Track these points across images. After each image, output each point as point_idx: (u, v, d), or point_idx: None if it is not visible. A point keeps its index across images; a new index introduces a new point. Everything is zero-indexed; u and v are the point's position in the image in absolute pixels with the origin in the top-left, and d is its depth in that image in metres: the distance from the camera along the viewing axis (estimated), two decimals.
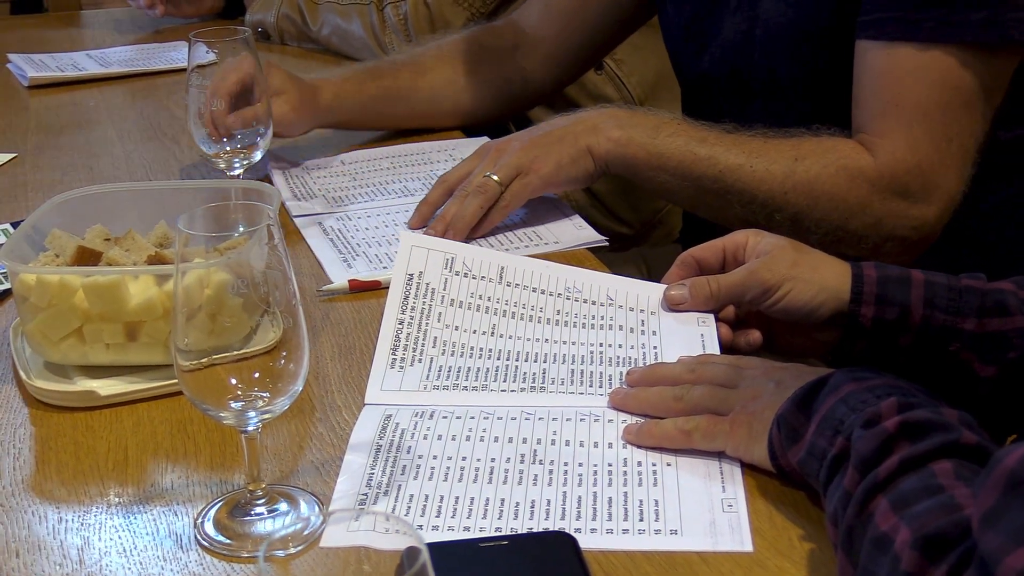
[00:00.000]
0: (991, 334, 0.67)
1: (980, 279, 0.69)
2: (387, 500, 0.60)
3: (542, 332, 0.75)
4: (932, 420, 0.52)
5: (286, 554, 0.52)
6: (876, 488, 0.49)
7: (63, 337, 0.71)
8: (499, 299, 0.78)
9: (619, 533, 0.58)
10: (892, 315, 0.68)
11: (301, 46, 1.53)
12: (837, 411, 0.56)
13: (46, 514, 0.61)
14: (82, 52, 1.52)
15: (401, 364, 0.72)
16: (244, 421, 0.57)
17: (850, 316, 0.69)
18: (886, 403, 0.54)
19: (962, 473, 0.49)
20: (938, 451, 0.50)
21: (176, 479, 0.64)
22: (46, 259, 0.75)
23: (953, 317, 0.67)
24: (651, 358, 0.73)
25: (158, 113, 1.30)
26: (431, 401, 0.69)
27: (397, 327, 0.75)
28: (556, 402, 0.68)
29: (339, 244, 0.93)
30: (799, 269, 0.71)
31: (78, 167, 1.14)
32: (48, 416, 0.70)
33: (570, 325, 0.76)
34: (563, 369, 0.72)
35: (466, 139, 1.15)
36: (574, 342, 0.74)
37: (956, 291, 0.68)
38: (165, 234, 0.80)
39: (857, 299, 0.69)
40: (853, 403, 0.56)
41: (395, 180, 1.06)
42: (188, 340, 0.55)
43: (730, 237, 0.76)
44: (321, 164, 1.10)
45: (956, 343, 0.67)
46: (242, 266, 0.56)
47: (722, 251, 0.76)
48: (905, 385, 0.57)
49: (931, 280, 0.68)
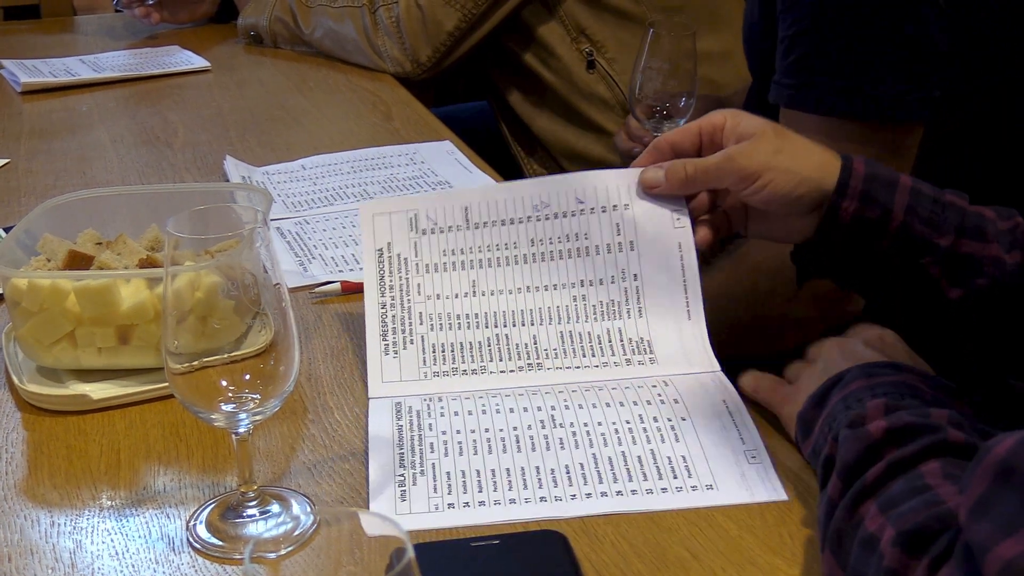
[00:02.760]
0: (964, 256, 0.65)
1: (964, 198, 0.67)
2: (425, 480, 0.61)
3: (521, 277, 0.73)
4: (917, 423, 0.52)
5: (277, 555, 0.52)
6: (864, 493, 0.50)
7: (55, 341, 0.71)
8: (471, 248, 0.75)
9: (658, 492, 0.59)
10: (873, 214, 0.66)
11: (294, 49, 1.53)
12: (837, 409, 0.56)
13: (38, 518, 0.61)
14: (75, 57, 1.52)
15: (395, 349, 0.72)
16: (235, 423, 0.57)
17: (831, 208, 0.67)
18: (872, 404, 0.53)
19: (949, 471, 0.49)
20: (925, 452, 0.50)
21: (168, 482, 0.64)
22: (37, 263, 0.75)
23: (931, 230, 0.65)
24: (632, 290, 0.72)
25: (151, 118, 1.30)
26: (434, 390, 0.69)
27: (381, 312, 0.74)
28: (555, 379, 0.69)
29: (295, 247, 0.93)
30: (781, 157, 0.68)
31: (71, 172, 1.14)
32: (40, 420, 0.70)
33: (547, 259, 0.74)
34: (552, 333, 0.71)
35: (427, 143, 1.16)
36: (555, 285, 0.73)
37: (940, 204, 0.66)
38: (157, 238, 0.80)
39: (842, 191, 0.66)
40: (850, 401, 0.56)
41: (355, 184, 1.06)
42: (178, 343, 0.55)
43: (706, 118, 0.72)
44: (281, 169, 1.10)
45: (928, 256, 0.65)
46: (233, 268, 0.56)
47: (698, 134, 0.72)
48: (912, 381, 0.56)
49: (917, 188, 0.66)
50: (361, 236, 0.79)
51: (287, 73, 1.45)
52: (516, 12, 1.34)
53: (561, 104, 1.37)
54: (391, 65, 1.40)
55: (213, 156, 1.15)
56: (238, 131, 1.24)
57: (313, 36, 1.49)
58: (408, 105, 1.31)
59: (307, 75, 1.44)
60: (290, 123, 1.27)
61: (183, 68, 1.47)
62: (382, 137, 1.20)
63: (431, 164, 1.11)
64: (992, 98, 0.85)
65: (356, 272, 0.88)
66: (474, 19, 1.34)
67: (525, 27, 1.36)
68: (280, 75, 1.45)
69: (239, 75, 1.45)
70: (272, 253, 0.56)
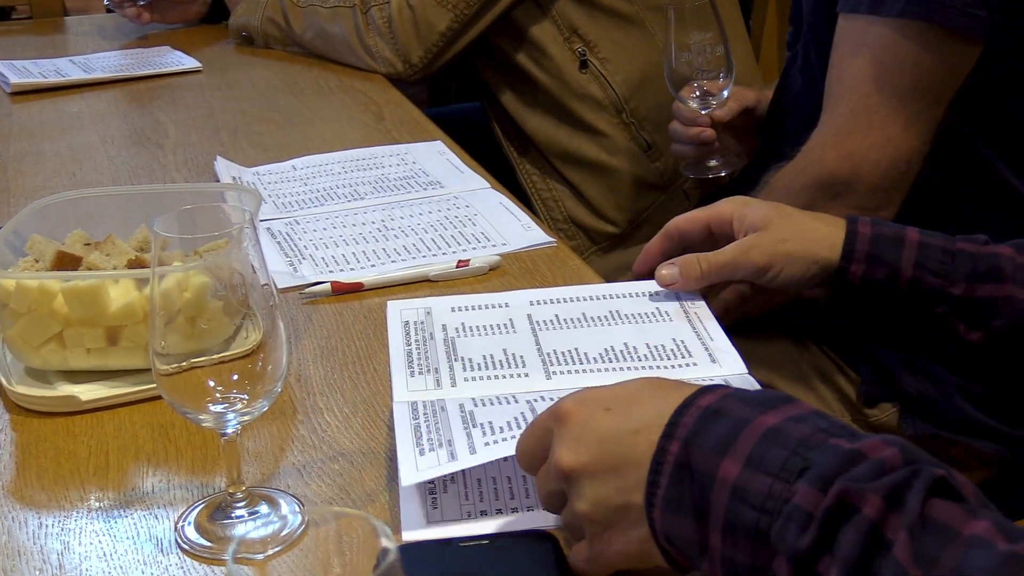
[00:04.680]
0: (979, 300, 0.66)
1: (977, 242, 0.69)
2: (456, 487, 0.59)
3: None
4: (883, 467, 0.41)
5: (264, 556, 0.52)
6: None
7: (43, 342, 0.70)
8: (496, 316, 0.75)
9: None
10: (881, 274, 0.68)
11: (286, 50, 1.53)
12: (742, 516, 0.43)
13: (26, 520, 0.61)
14: (65, 58, 1.52)
15: (420, 372, 0.70)
16: (223, 424, 0.56)
17: (839, 272, 0.69)
18: (804, 489, 0.42)
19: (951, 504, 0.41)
20: (926, 495, 0.41)
21: (157, 483, 0.63)
22: (25, 264, 0.75)
23: (942, 280, 0.67)
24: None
25: (142, 118, 1.30)
26: (471, 394, 0.67)
27: (407, 354, 0.71)
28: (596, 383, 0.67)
29: (286, 247, 0.92)
30: (789, 246, 0.71)
31: (61, 173, 1.13)
32: (29, 422, 0.70)
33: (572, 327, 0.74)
34: (591, 343, 0.71)
35: (418, 143, 1.15)
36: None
37: (950, 254, 0.67)
38: (146, 238, 0.80)
39: (848, 256, 0.69)
40: (757, 502, 0.43)
41: (345, 185, 1.06)
42: (166, 344, 0.55)
43: (714, 210, 0.75)
44: (272, 170, 1.10)
45: (943, 306, 0.67)
46: (221, 269, 0.56)
47: (707, 227, 0.75)
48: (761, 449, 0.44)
49: (925, 241, 0.68)
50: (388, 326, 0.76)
51: (279, 74, 1.45)
52: (508, 12, 1.34)
53: (554, 104, 1.37)
54: (382, 66, 1.40)
55: (204, 157, 1.15)
56: (229, 132, 1.24)
57: (304, 37, 1.48)
58: (400, 106, 1.31)
59: (299, 76, 1.44)
60: (281, 124, 1.27)
61: (174, 69, 1.46)
62: (374, 138, 1.20)
63: (422, 164, 1.10)
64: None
65: (347, 272, 0.87)
66: (466, 19, 1.34)
67: (517, 27, 1.36)
68: (272, 76, 1.44)
69: (230, 76, 1.45)
70: (260, 253, 0.56)
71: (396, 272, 0.86)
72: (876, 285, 0.68)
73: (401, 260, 0.89)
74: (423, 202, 1.00)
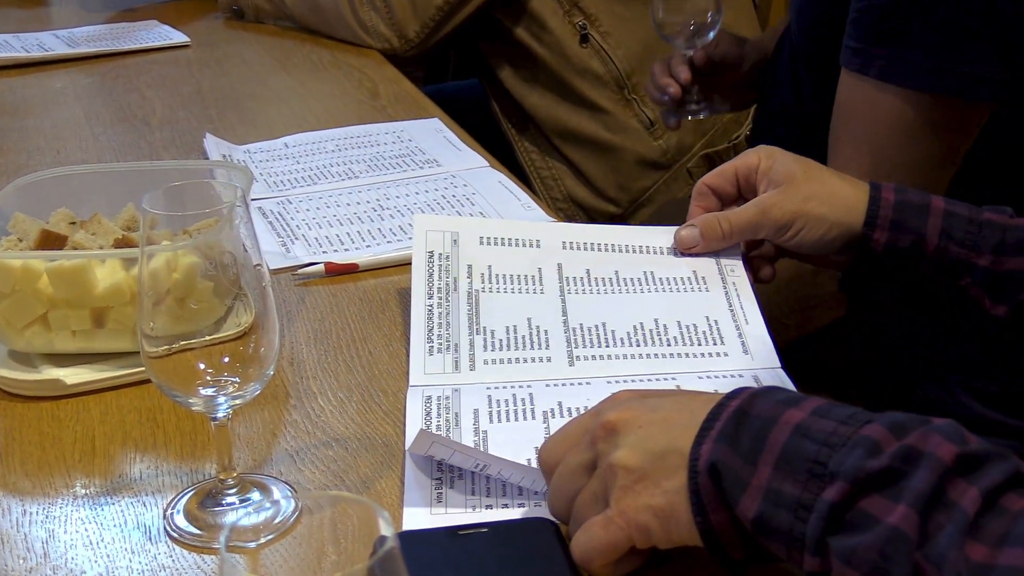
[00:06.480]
0: (1006, 273, 0.65)
1: (1005, 214, 0.67)
2: (464, 483, 0.58)
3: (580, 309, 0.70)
4: (987, 452, 0.42)
5: (257, 544, 0.51)
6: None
7: (27, 324, 0.68)
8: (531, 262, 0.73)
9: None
10: (906, 242, 0.66)
11: (277, 24, 1.50)
12: (802, 449, 0.43)
13: (10, 507, 0.59)
14: (49, 32, 1.48)
15: (439, 349, 0.68)
16: (213, 407, 0.55)
17: (863, 240, 0.68)
18: (875, 428, 0.43)
19: None
20: (1004, 480, 0.41)
21: (145, 469, 0.62)
22: (8, 244, 0.73)
23: (968, 251, 0.65)
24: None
25: (128, 95, 1.27)
26: (492, 378, 0.65)
27: (427, 314, 0.69)
28: (624, 371, 0.66)
29: (278, 227, 0.90)
30: (811, 204, 0.70)
31: (44, 151, 1.11)
32: (12, 406, 0.67)
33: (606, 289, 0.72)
34: (621, 323, 0.69)
35: (415, 121, 1.13)
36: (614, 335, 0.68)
37: (976, 224, 0.66)
38: (133, 217, 0.78)
39: (872, 223, 0.68)
40: (820, 437, 0.43)
41: (339, 163, 1.03)
42: (155, 325, 0.53)
43: (742, 159, 0.74)
44: (263, 148, 1.07)
45: (967, 278, 0.65)
46: (212, 248, 0.54)
47: (735, 175, 0.74)
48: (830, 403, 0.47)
49: (951, 210, 0.66)
50: (414, 242, 0.75)
51: (270, 49, 1.42)
52: None
53: (554, 80, 1.34)
54: (377, 41, 1.37)
55: (192, 134, 1.13)
56: (218, 109, 1.21)
57: (296, 10, 1.45)
58: (396, 83, 1.28)
59: (290, 51, 1.41)
60: (273, 100, 1.25)
61: (161, 43, 1.43)
62: (368, 115, 1.17)
63: (419, 142, 1.08)
64: None
65: (341, 253, 0.85)
66: None
67: (516, 0, 1.33)
68: (262, 51, 1.42)
69: (220, 51, 1.42)
70: (252, 232, 0.54)
71: (392, 253, 0.84)
72: (900, 253, 0.66)
73: (397, 240, 0.87)
74: (420, 181, 0.98)
